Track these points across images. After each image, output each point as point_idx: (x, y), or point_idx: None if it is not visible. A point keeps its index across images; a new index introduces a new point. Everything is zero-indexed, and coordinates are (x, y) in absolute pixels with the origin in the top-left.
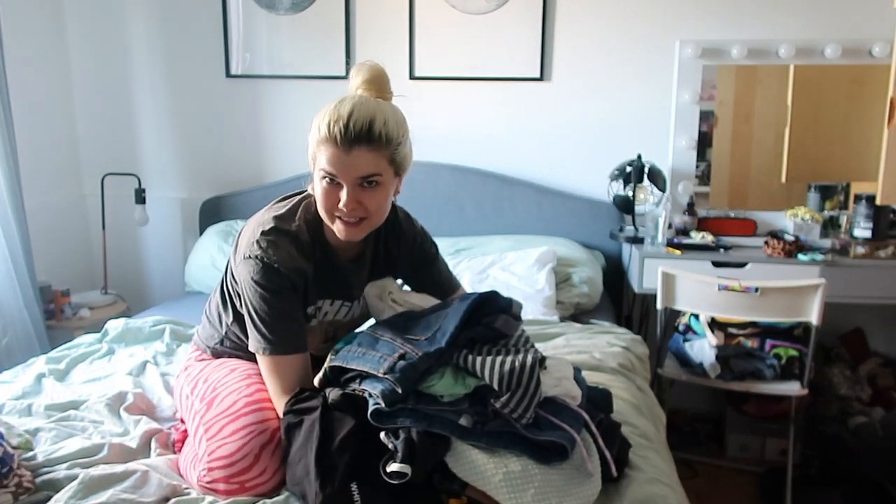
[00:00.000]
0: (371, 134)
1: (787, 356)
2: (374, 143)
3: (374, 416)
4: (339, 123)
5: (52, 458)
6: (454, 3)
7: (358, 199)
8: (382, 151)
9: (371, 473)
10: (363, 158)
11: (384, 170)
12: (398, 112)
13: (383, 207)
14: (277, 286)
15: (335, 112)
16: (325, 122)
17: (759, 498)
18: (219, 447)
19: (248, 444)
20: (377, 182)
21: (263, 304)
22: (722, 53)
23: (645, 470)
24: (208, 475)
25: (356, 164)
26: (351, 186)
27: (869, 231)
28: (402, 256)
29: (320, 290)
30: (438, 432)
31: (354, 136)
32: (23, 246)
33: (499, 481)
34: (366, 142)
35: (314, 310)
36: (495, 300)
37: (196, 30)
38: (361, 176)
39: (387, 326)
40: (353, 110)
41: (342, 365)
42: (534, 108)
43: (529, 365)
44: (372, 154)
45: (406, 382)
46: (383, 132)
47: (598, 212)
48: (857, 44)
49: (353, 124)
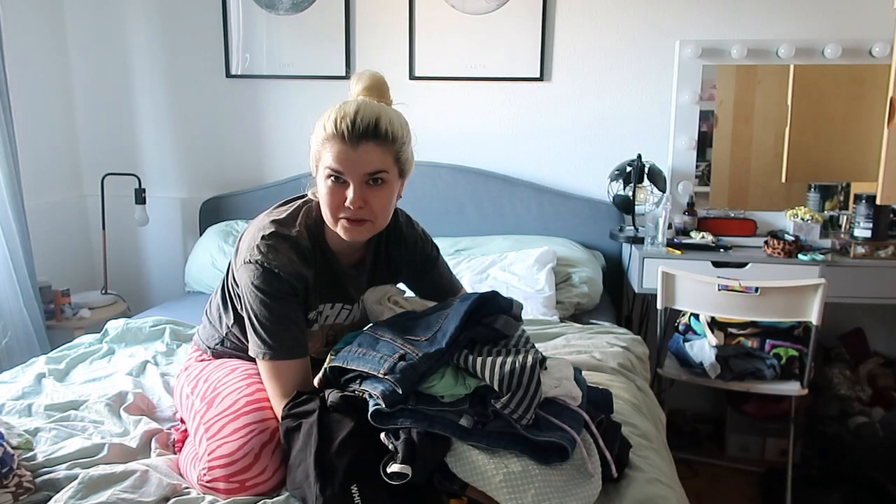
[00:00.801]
0: (378, 130)
1: (787, 356)
2: (381, 140)
3: (375, 417)
4: (346, 120)
5: (52, 458)
6: (454, 3)
7: (364, 197)
8: (389, 148)
9: (372, 475)
10: (370, 154)
11: (390, 167)
12: (401, 115)
13: (387, 209)
14: (278, 291)
15: (341, 110)
16: (332, 119)
17: (759, 498)
18: (219, 446)
19: (249, 442)
20: (383, 180)
21: (263, 309)
22: (722, 53)
23: (645, 470)
24: (209, 474)
25: (364, 159)
26: (357, 184)
27: (869, 231)
28: (403, 261)
29: (321, 295)
30: (439, 433)
31: (362, 132)
32: (23, 246)
33: (499, 482)
34: (373, 137)
35: (315, 314)
36: (496, 300)
37: (196, 30)
38: (368, 172)
39: (387, 327)
40: (359, 108)
41: (342, 365)
42: (534, 108)
43: (530, 366)
44: (379, 150)
45: (406, 383)
46: (389, 129)
47: (598, 212)
48: (857, 44)
49: (360, 120)
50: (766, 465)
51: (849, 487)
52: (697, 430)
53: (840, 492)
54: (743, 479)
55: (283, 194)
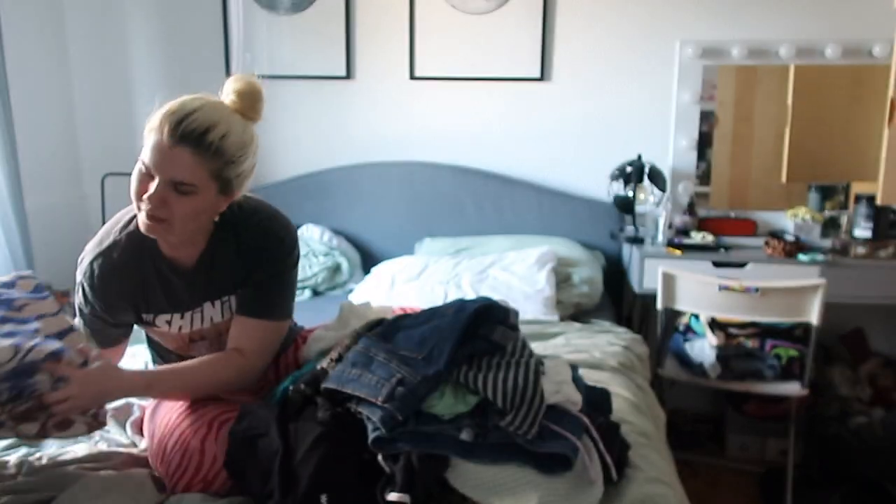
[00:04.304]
0: (203, 139)
1: (788, 356)
2: (202, 150)
3: (375, 444)
4: (175, 115)
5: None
6: (454, 3)
7: (165, 199)
8: (207, 163)
9: (345, 484)
10: (183, 161)
11: (203, 182)
12: (249, 133)
13: (188, 220)
14: (85, 305)
15: (179, 104)
16: (164, 110)
17: (759, 498)
18: (168, 466)
19: (188, 444)
20: (189, 192)
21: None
22: (722, 53)
23: (645, 469)
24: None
25: (174, 163)
26: (162, 183)
27: (869, 231)
28: (244, 259)
29: (158, 307)
30: (440, 454)
31: (183, 135)
32: (23, 246)
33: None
34: (194, 145)
35: (163, 322)
36: (492, 311)
37: (196, 30)
38: (173, 179)
39: (378, 343)
40: (196, 110)
41: (337, 388)
42: (534, 108)
43: (532, 381)
44: (194, 160)
45: (406, 410)
46: (217, 143)
47: (598, 212)
48: (857, 44)
49: (190, 123)
50: (766, 465)
51: (849, 487)
52: (697, 430)
53: (840, 492)
54: (743, 479)
55: (283, 194)
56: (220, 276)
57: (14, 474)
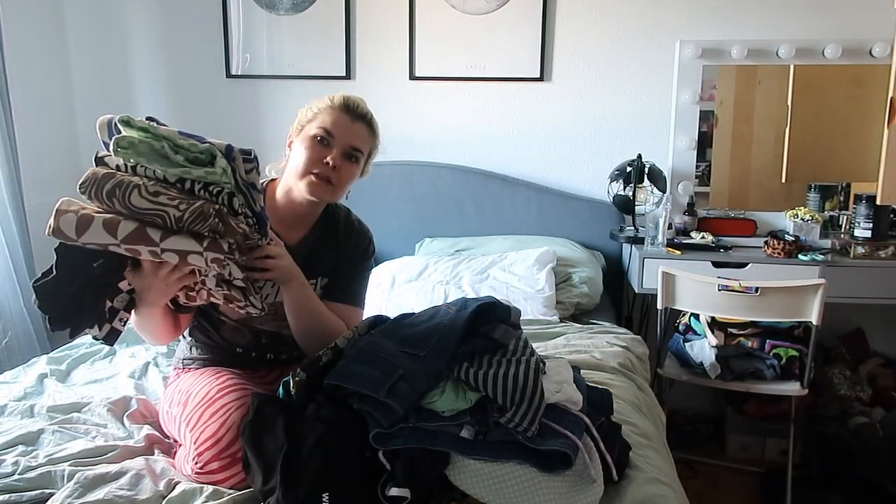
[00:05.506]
0: (372, 121)
1: (788, 356)
2: (370, 128)
3: (376, 439)
4: (351, 100)
5: (55, 457)
6: (454, 3)
7: (338, 165)
8: (371, 140)
9: (347, 484)
10: (362, 133)
11: (365, 154)
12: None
13: (347, 185)
14: None
15: (347, 94)
16: (337, 95)
17: (759, 498)
18: (202, 431)
19: (230, 418)
20: (357, 159)
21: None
22: (722, 53)
23: (645, 469)
24: (199, 460)
25: (356, 133)
26: (340, 151)
27: (869, 231)
28: (340, 250)
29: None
30: (441, 450)
31: (362, 114)
32: (23, 246)
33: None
34: (367, 123)
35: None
36: (494, 310)
37: (196, 30)
38: (353, 146)
39: (385, 335)
40: (361, 100)
41: (340, 384)
42: (534, 108)
43: (532, 378)
44: (367, 134)
45: (407, 405)
46: (377, 127)
47: (598, 212)
48: (857, 44)
49: (363, 107)
50: (766, 465)
51: (849, 487)
52: (697, 430)
53: (840, 492)
54: (743, 479)
55: None
56: (315, 261)
57: (10, 472)
